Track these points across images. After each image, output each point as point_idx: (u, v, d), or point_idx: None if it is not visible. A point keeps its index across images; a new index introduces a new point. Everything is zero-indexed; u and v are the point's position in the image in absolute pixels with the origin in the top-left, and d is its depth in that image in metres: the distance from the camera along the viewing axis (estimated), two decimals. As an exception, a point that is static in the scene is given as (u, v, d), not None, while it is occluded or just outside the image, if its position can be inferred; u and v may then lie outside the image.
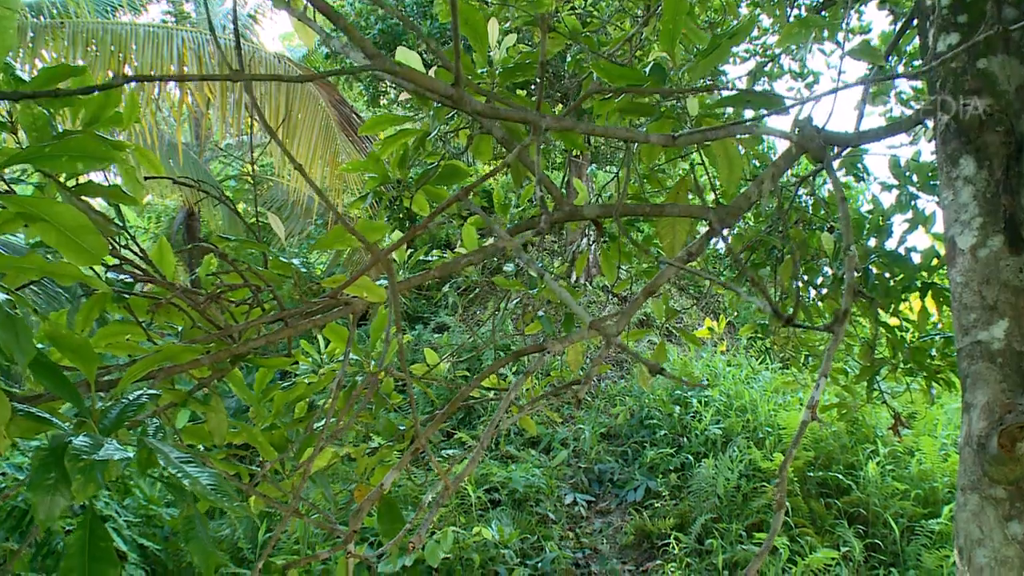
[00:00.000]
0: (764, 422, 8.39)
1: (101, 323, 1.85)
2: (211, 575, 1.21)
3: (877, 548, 6.70)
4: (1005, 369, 1.84)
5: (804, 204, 4.65)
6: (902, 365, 4.25)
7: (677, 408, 9.21)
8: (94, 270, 1.61)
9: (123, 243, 1.73)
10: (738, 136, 2.11)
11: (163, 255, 1.80)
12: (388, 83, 13.21)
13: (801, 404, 8.61)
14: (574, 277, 11.23)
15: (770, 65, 6.81)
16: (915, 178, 3.94)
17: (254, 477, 1.85)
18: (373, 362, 2.46)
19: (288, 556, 6.77)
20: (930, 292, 3.82)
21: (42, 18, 8.68)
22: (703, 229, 2.09)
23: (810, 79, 7.15)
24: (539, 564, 7.04)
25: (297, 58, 15.48)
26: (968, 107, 2.06)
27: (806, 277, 4.21)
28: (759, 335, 6.36)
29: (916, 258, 3.82)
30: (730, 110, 2.57)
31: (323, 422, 1.75)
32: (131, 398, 1.32)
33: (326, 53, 14.18)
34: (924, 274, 3.82)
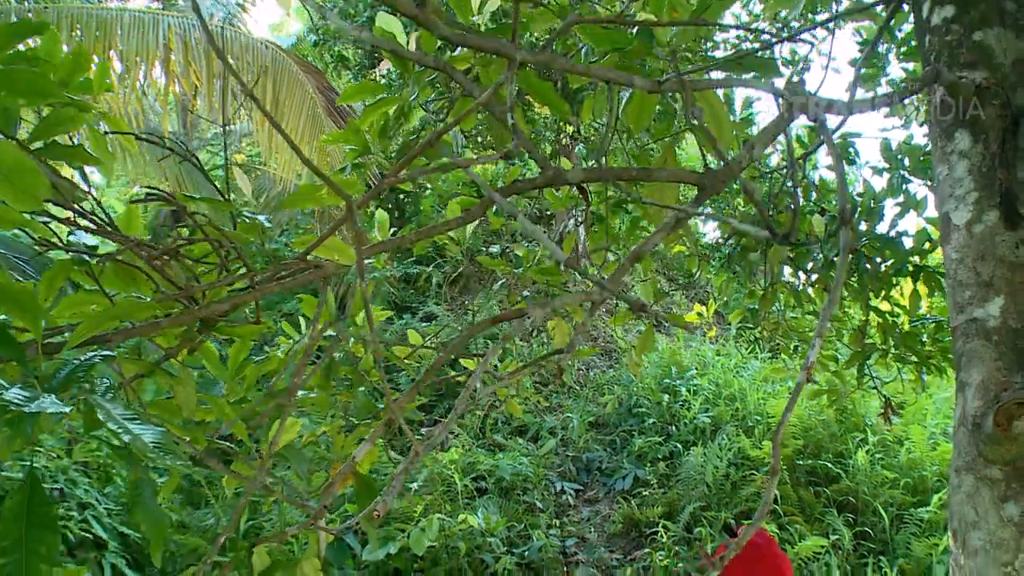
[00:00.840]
0: (753, 411, 8.37)
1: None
2: (160, 543, 1.14)
3: (866, 536, 6.70)
4: (1001, 347, 1.78)
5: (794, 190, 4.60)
6: (893, 351, 4.22)
7: (666, 397, 9.18)
8: (55, 232, 1.54)
9: (89, 209, 1.66)
10: (735, 122, 2.06)
11: (131, 220, 1.72)
12: (378, 71, 13.13)
13: (790, 393, 8.59)
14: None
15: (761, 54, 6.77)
16: (907, 161, 3.90)
17: (226, 454, 1.79)
18: (353, 339, 2.40)
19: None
20: (922, 276, 3.79)
21: (27, 3, 8.55)
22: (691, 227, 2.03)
23: (801, 65, 7.13)
24: (526, 552, 7.00)
25: (286, 46, 15.38)
26: (964, 80, 2.01)
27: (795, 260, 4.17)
28: (748, 323, 6.32)
29: (908, 242, 3.79)
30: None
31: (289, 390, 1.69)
32: (82, 359, 1.25)
33: (314, 41, 14.09)
34: (916, 258, 3.78)
